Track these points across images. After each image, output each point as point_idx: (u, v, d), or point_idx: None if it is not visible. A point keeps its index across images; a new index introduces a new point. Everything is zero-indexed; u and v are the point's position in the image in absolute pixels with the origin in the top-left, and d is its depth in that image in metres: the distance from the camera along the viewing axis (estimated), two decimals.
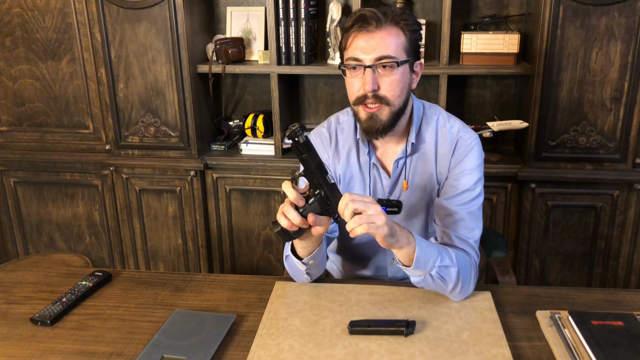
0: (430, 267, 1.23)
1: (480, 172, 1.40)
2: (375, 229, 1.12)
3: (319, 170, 1.15)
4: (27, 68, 2.48)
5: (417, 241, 1.21)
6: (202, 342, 1.15)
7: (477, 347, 1.14)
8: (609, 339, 1.10)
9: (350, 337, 1.18)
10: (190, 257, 2.58)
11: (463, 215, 1.35)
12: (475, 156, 1.39)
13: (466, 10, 2.42)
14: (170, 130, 2.43)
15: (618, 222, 2.25)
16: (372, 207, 1.13)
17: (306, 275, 1.36)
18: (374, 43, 1.26)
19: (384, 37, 1.26)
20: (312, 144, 1.13)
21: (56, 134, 2.57)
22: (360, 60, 1.27)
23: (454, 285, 1.26)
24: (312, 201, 1.16)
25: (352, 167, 1.45)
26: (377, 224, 1.12)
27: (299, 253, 1.32)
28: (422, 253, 1.21)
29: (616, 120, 2.14)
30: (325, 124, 1.51)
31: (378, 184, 1.44)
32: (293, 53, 2.33)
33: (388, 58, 1.26)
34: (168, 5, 2.25)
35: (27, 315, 1.29)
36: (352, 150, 1.45)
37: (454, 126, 1.42)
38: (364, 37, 1.27)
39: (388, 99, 1.29)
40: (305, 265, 1.33)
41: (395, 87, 1.29)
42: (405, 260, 1.23)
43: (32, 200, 2.68)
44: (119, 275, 1.47)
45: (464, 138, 1.40)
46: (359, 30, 1.27)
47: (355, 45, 1.28)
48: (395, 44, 1.27)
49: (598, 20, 2.04)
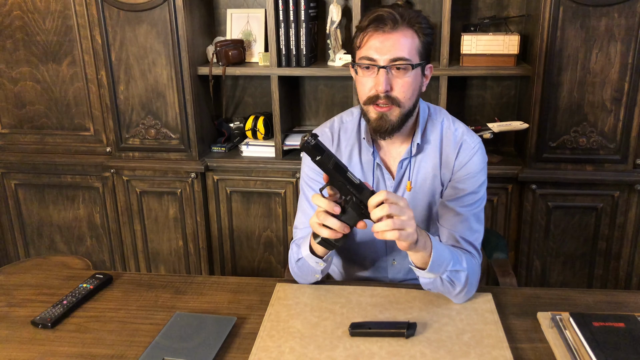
0: (443, 271, 1.23)
1: (484, 175, 1.41)
2: (406, 237, 1.12)
3: (337, 171, 1.14)
4: (28, 70, 2.49)
5: (434, 244, 1.21)
6: (203, 345, 1.15)
7: (478, 348, 1.14)
8: (610, 340, 1.10)
9: (351, 339, 1.17)
10: (191, 259, 2.58)
11: (467, 217, 1.36)
12: (480, 159, 1.40)
13: (466, 11, 2.42)
14: (170, 132, 2.43)
15: (619, 223, 2.25)
16: (406, 212, 1.12)
17: (318, 275, 1.36)
18: (390, 44, 1.26)
19: (400, 38, 1.26)
20: (323, 146, 1.12)
21: (57, 137, 2.57)
22: (375, 60, 1.27)
23: (460, 289, 1.27)
24: (348, 209, 1.16)
25: (355, 167, 1.45)
26: (407, 231, 1.12)
27: (318, 252, 1.31)
28: (437, 256, 1.21)
29: (616, 121, 2.14)
30: (328, 124, 1.51)
31: (381, 185, 1.44)
32: (293, 55, 2.34)
33: (403, 60, 1.26)
34: (168, 8, 2.25)
35: (28, 318, 1.29)
36: (354, 150, 1.45)
37: (459, 129, 1.43)
38: (379, 38, 1.27)
39: (399, 100, 1.29)
40: (325, 263, 1.32)
41: (407, 89, 1.29)
42: (420, 263, 1.23)
43: (33, 202, 2.68)
44: (119, 278, 1.47)
45: (468, 141, 1.40)
46: (375, 30, 1.27)
47: (370, 44, 1.28)
48: (410, 46, 1.28)
49: (598, 21, 2.04)
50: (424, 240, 1.20)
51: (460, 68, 2.27)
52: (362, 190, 1.15)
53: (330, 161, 1.13)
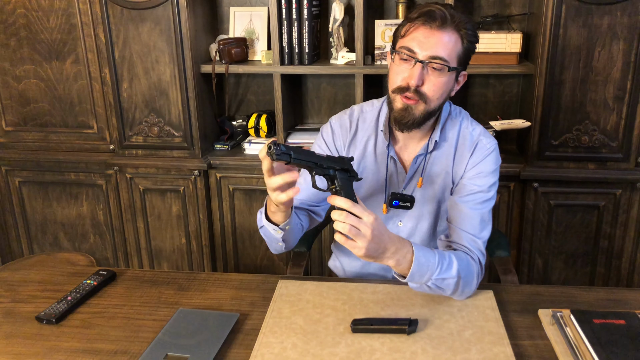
0: (427, 280, 1.23)
1: (495, 177, 1.41)
2: (352, 247, 1.11)
3: (313, 157, 1.13)
4: (32, 68, 2.50)
5: (416, 256, 1.20)
6: (206, 341, 1.16)
7: (479, 345, 1.14)
8: (611, 337, 1.11)
9: (353, 336, 1.18)
10: (194, 256, 2.59)
11: (474, 215, 1.36)
12: (493, 160, 1.41)
13: (468, 9, 2.42)
14: (173, 130, 2.44)
15: (621, 221, 2.25)
16: (362, 227, 1.10)
17: (281, 243, 1.36)
18: (433, 41, 1.26)
19: (444, 38, 1.26)
20: (286, 148, 1.08)
21: (60, 134, 2.58)
22: (415, 53, 1.27)
23: (452, 292, 1.28)
24: (341, 186, 1.15)
25: (368, 157, 1.46)
26: (358, 244, 1.11)
27: (275, 220, 1.31)
28: (418, 268, 1.20)
29: (619, 120, 2.14)
30: (348, 111, 1.51)
31: (394, 178, 1.45)
32: (296, 53, 2.34)
33: (441, 60, 1.26)
34: (171, 6, 2.25)
35: (33, 313, 1.30)
36: (370, 141, 1.46)
37: (476, 129, 1.44)
38: (425, 32, 1.27)
39: (428, 97, 1.29)
40: (283, 231, 1.31)
41: (438, 88, 1.29)
42: (401, 272, 1.23)
43: (37, 199, 2.69)
44: (123, 274, 1.48)
45: (484, 142, 1.41)
46: (423, 23, 1.27)
47: (414, 36, 1.28)
48: (452, 48, 1.28)
49: (601, 20, 2.04)
50: (395, 257, 1.18)
51: None
52: (340, 161, 1.16)
53: (302, 155, 1.11)
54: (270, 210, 1.30)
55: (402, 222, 1.49)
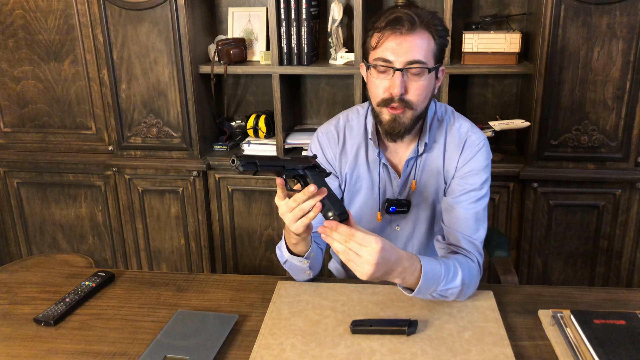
0: (432, 291, 1.23)
1: (487, 173, 1.40)
2: (354, 269, 1.11)
3: (277, 161, 1.11)
4: (30, 69, 2.49)
5: (424, 272, 1.18)
6: (205, 342, 1.16)
7: (479, 346, 1.14)
8: (611, 338, 1.10)
9: (353, 337, 1.18)
10: (193, 258, 2.59)
11: (469, 216, 1.35)
12: (484, 157, 1.39)
13: (467, 9, 2.42)
14: (172, 131, 2.43)
15: (620, 221, 2.25)
16: (366, 254, 1.08)
17: (309, 271, 1.36)
18: (407, 46, 1.24)
19: (416, 41, 1.25)
20: (249, 158, 1.05)
21: (59, 135, 2.58)
22: (391, 62, 1.25)
23: (454, 298, 1.28)
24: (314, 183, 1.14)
25: (360, 167, 1.45)
26: (360, 270, 1.10)
27: (296, 251, 1.31)
28: (425, 283, 1.19)
29: (618, 119, 2.14)
30: (333, 122, 1.49)
31: (388, 184, 1.44)
32: (295, 53, 2.34)
33: (419, 63, 1.25)
34: (170, 6, 2.25)
35: (31, 315, 1.29)
36: (360, 150, 1.45)
37: (463, 125, 1.42)
38: (396, 39, 1.25)
39: (413, 103, 1.28)
40: (308, 260, 1.32)
41: (422, 92, 1.28)
42: (408, 286, 1.22)
43: (35, 201, 2.69)
44: (121, 276, 1.47)
45: (472, 138, 1.40)
46: (392, 31, 1.25)
47: (387, 46, 1.26)
48: (427, 49, 1.26)
49: (600, 19, 2.04)
50: (403, 275, 1.16)
51: (462, 66, 2.27)
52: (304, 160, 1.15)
53: (268, 161, 1.09)
54: (291, 243, 1.29)
55: (399, 227, 1.49)
